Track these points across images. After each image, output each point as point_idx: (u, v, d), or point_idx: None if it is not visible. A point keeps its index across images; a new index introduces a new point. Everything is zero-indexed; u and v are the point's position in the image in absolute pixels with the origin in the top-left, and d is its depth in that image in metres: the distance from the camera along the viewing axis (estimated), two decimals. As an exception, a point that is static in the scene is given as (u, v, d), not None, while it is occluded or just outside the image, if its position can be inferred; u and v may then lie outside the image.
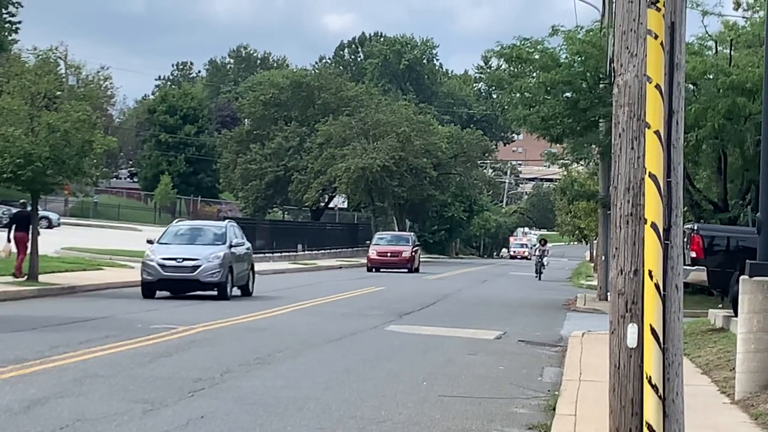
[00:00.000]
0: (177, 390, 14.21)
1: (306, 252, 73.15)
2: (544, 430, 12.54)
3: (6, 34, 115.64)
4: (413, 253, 65.08)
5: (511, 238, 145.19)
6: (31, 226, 33.60)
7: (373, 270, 62.73)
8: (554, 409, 13.45)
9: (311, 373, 16.72)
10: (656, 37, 7.63)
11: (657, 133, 7.60)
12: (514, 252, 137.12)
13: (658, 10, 7.64)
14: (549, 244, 70.81)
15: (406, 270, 62.87)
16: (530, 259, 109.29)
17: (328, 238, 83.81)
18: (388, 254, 64.13)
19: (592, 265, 77.63)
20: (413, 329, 25.24)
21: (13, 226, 34.33)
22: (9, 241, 34.10)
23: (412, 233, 74.02)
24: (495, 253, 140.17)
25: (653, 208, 7.60)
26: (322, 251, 77.16)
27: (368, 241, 66.92)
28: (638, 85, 7.80)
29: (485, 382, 16.76)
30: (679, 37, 7.89)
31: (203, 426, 12.01)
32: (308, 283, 44.39)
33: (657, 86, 7.61)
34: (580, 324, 28.36)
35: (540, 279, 61.59)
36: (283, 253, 68.23)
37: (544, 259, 65.17)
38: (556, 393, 14.92)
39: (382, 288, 43.04)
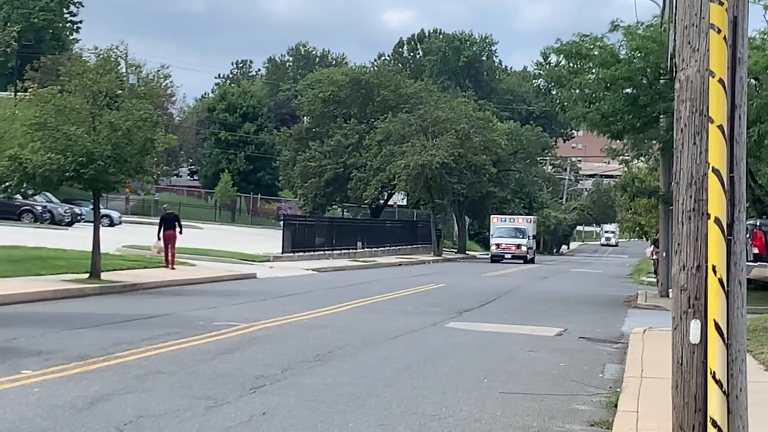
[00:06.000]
0: (239, 386, 14.29)
1: (365, 249, 73.22)
2: (606, 427, 12.50)
3: (67, 33, 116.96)
4: None
5: (494, 219, 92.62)
6: (177, 225, 40.22)
7: None
8: (616, 406, 13.41)
9: (372, 370, 16.75)
10: (719, 31, 7.59)
11: (720, 127, 7.56)
12: (500, 245, 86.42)
13: (721, 4, 7.60)
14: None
15: None
16: (528, 258, 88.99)
17: (388, 236, 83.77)
18: None
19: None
20: (473, 326, 25.23)
21: (162, 226, 40.17)
22: (159, 239, 39.58)
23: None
24: (555, 250, 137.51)
25: (717, 203, 7.56)
26: (382, 248, 77.23)
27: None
28: (700, 80, 7.77)
29: (546, 378, 16.72)
30: (741, 31, 7.84)
31: (265, 422, 12.08)
32: (368, 280, 44.43)
33: (720, 81, 7.58)
34: (641, 321, 28.24)
35: None
36: (343, 251, 68.35)
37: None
38: (618, 390, 14.87)
39: (442, 285, 43.02)
